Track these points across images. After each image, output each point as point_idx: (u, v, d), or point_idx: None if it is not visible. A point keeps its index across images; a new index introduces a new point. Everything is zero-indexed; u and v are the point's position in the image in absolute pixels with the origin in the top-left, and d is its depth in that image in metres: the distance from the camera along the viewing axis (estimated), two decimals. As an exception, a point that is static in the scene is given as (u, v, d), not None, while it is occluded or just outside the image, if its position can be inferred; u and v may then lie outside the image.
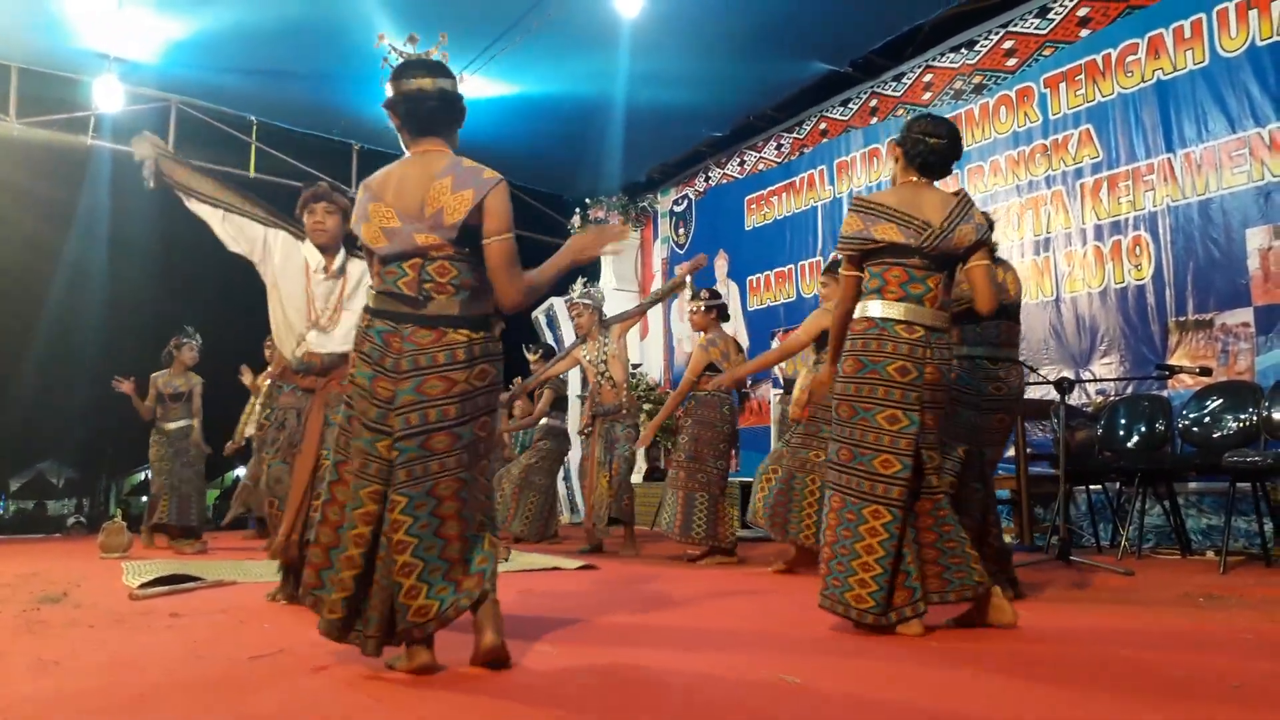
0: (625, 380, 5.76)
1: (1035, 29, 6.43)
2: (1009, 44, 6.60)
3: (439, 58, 2.32)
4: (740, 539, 5.35)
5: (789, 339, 4.73)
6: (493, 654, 2.09)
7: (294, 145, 8.84)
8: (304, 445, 3.23)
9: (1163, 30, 5.61)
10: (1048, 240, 6.19)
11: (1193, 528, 5.13)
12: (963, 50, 6.94)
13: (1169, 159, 5.54)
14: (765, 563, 4.79)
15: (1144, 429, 5.05)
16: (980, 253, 2.73)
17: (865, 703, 1.88)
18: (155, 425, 6.65)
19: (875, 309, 2.70)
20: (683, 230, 9.95)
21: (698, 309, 5.27)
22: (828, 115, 8.16)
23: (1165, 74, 5.59)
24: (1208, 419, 4.74)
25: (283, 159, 8.74)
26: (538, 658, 2.31)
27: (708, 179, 9.65)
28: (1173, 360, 5.23)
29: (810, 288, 8.02)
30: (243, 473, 9.21)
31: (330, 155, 8.96)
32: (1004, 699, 1.91)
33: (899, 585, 2.56)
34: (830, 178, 8.04)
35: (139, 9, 6.77)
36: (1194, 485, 5.17)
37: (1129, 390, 5.54)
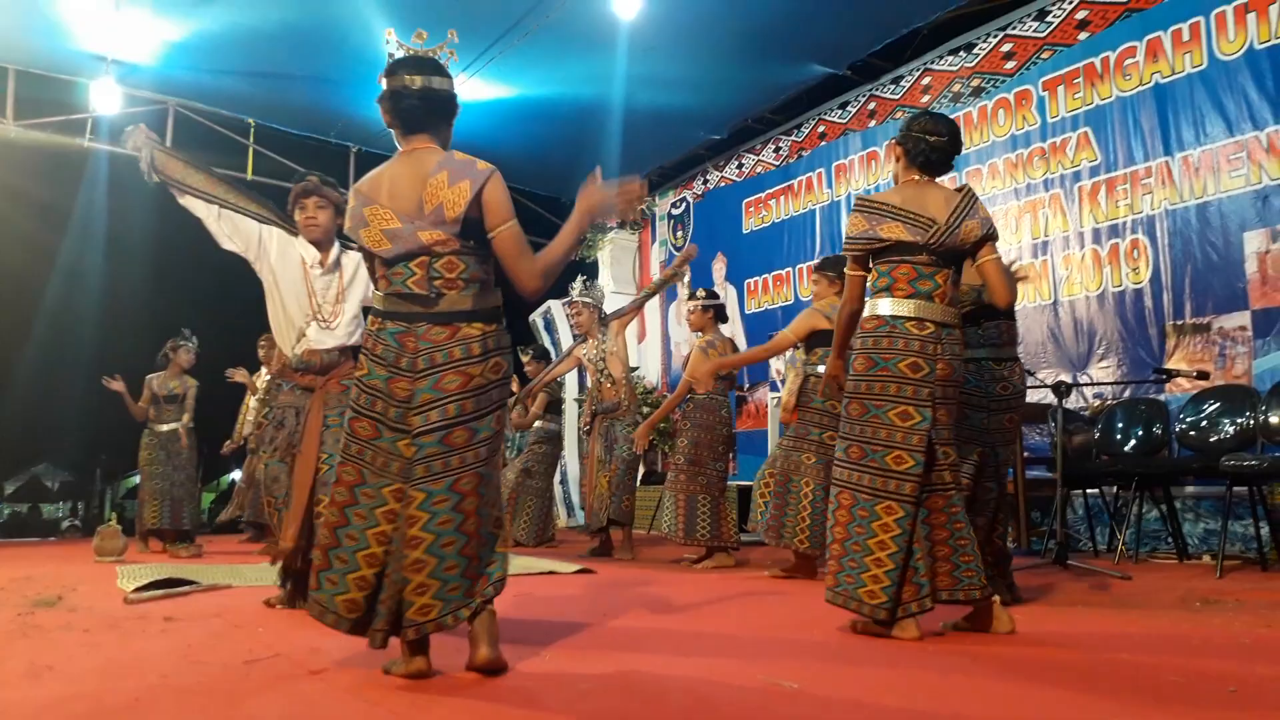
0: (625, 377, 5.75)
1: (1034, 32, 6.44)
2: (1007, 47, 6.61)
3: (445, 55, 2.31)
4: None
5: (777, 337, 4.70)
6: (487, 667, 2.09)
7: (291, 148, 8.84)
8: (303, 447, 3.22)
9: (1161, 33, 5.62)
10: (1045, 243, 6.19)
11: (1190, 532, 5.13)
12: (961, 53, 6.95)
13: (1167, 162, 5.55)
14: (763, 566, 4.79)
15: (1141, 433, 5.05)
16: (989, 246, 2.73)
17: (864, 707, 1.88)
18: (148, 426, 6.54)
19: (885, 307, 2.70)
20: (680, 233, 9.95)
21: (695, 308, 5.27)
22: (826, 118, 8.16)
23: (1163, 77, 5.60)
24: (1205, 423, 4.74)
25: (280, 161, 8.72)
26: (535, 663, 2.30)
27: (706, 181, 9.65)
28: (1170, 364, 5.23)
29: (808, 291, 8.01)
30: (238, 475, 9.18)
31: (328, 158, 8.95)
32: (1002, 703, 1.91)
33: (908, 581, 2.56)
34: (828, 181, 8.03)
35: (136, 11, 6.77)
36: (1191, 489, 5.17)
37: (1126, 394, 5.54)
